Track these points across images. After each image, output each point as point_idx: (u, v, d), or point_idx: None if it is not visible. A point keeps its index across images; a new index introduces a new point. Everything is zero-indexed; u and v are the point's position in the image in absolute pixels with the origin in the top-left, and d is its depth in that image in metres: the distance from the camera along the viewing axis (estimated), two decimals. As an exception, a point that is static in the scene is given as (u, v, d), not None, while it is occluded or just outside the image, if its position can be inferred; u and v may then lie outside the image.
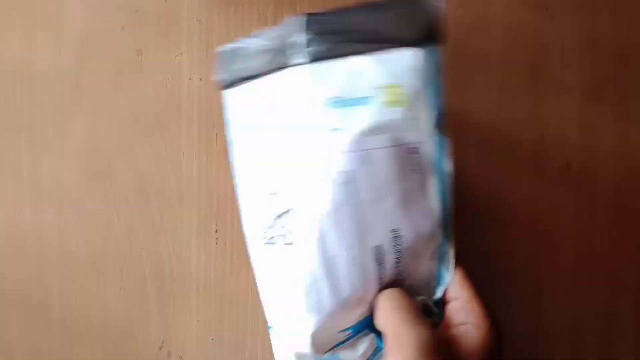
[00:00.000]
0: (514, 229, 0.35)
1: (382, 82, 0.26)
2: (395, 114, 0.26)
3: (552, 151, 0.35)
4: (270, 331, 0.28)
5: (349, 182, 0.26)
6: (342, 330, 0.27)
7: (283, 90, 0.27)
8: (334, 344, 0.27)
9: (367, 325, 0.27)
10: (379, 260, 0.26)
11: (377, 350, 0.28)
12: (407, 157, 0.26)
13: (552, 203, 0.35)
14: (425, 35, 0.26)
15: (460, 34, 0.33)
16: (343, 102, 0.26)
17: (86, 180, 0.36)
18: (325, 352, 0.27)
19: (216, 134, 0.35)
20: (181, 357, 0.36)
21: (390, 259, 0.26)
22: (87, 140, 0.35)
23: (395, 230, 0.26)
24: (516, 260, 0.35)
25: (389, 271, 0.26)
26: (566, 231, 0.35)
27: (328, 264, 0.26)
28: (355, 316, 0.27)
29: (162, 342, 0.36)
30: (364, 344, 0.27)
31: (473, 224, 0.35)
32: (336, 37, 0.26)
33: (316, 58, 0.26)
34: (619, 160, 0.35)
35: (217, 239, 0.35)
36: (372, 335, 0.27)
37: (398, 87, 0.26)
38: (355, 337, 0.27)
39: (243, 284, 0.35)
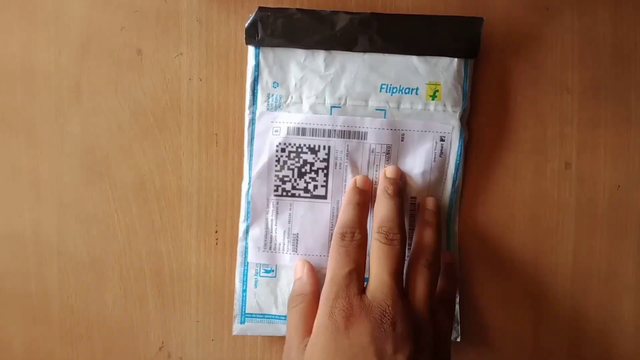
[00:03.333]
0: (513, 229, 0.35)
1: (427, 79, 0.33)
2: (432, 105, 0.33)
3: (552, 151, 0.35)
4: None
5: (386, 152, 0.33)
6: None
7: (336, 68, 0.33)
8: None
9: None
10: None
11: None
12: (435, 143, 0.33)
13: (552, 203, 0.35)
14: (464, 49, 0.33)
15: (460, 34, 0.33)
16: (393, 89, 0.33)
17: (85, 179, 0.36)
18: None
19: (216, 134, 0.35)
20: (181, 357, 0.36)
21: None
22: (87, 139, 0.35)
23: (413, 198, 0.34)
24: (516, 260, 0.35)
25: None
26: (566, 231, 0.35)
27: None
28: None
29: (162, 342, 0.36)
30: None
31: (472, 224, 0.35)
32: (395, 35, 0.33)
33: (377, 49, 0.33)
34: (619, 160, 0.35)
35: (217, 239, 0.35)
36: None
37: (438, 84, 0.33)
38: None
39: (243, 284, 0.35)
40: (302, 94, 0.33)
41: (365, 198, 0.32)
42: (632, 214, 0.35)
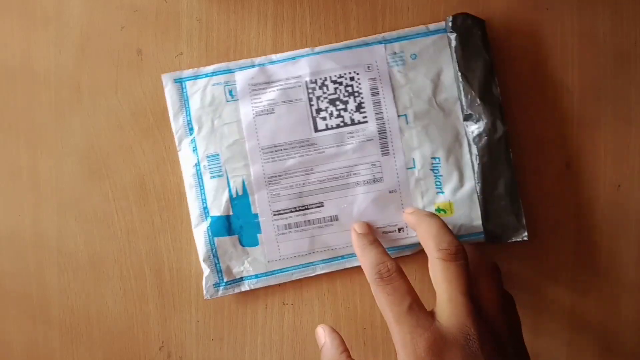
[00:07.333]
0: (514, 229, 0.35)
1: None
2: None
3: (552, 151, 0.35)
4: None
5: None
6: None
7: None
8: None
9: None
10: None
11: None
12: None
13: (552, 203, 0.35)
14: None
15: (460, 33, 0.33)
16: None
17: (86, 179, 0.36)
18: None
19: (216, 133, 0.35)
20: (181, 357, 0.36)
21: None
22: (87, 139, 0.35)
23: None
24: (516, 260, 0.35)
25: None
26: (566, 231, 0.35)
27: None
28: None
29: (162, 342, 0.36)
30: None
31: (473, 223, 0.35)
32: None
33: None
34: (619, 160, 0.35)
35: (217, 239, 0.35)
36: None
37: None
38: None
39: (243, 284, 0.35)
40: None
41: (373, 236, 0.32)
42: (632, 214, 0.35)
